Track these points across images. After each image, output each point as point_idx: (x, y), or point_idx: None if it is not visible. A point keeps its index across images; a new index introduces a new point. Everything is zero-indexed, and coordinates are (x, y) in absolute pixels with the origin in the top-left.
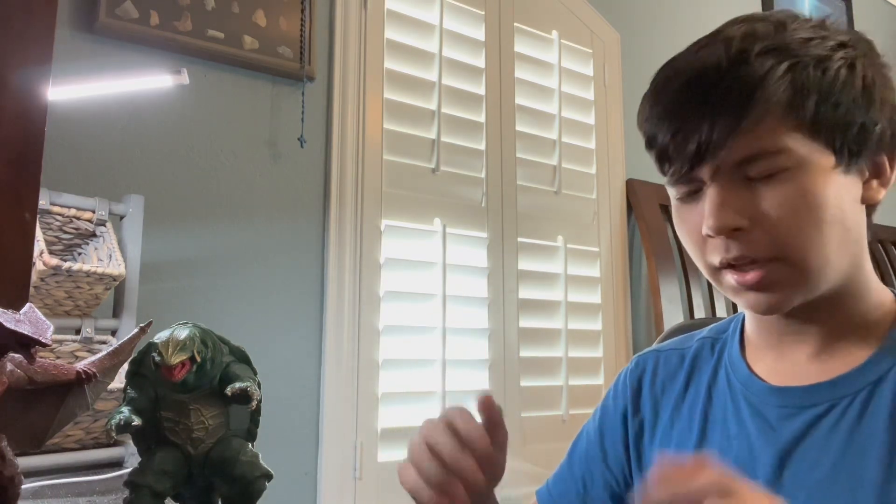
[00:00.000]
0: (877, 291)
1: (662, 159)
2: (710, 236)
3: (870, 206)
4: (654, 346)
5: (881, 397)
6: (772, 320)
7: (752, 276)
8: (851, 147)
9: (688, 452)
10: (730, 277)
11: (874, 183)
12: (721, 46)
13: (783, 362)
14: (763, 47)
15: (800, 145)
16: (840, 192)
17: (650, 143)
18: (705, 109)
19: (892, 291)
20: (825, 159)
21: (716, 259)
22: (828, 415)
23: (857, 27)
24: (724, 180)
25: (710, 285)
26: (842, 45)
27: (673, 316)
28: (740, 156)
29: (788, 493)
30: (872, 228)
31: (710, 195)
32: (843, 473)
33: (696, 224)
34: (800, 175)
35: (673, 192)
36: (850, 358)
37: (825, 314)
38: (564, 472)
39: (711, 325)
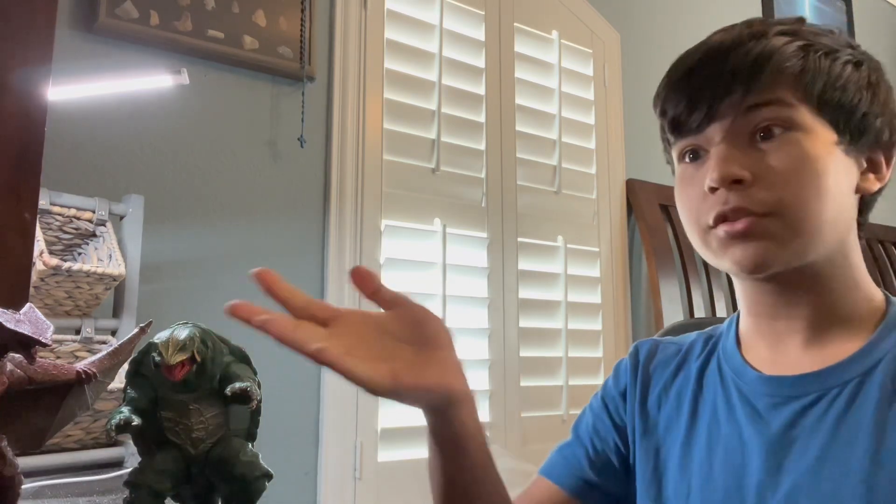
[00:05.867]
0: (866, 288)
1: (675, 124)
2: (712, 189)
3: (862, 201)
4: (656, 336)
5: (869, 389)
6: (762, 298)
7: (742, 223)
8: (853, 131)
9: (676, 435)
10: (720, 231)
11: (871, 176)
12: (741, 26)
13: (776, 353)
14: (780, 30)
15: (806, 116)
16: (839, 169)
17: (663, 113)
18: (720, 74)
19: (883, 293)
20: (828, 134)
21: (711, 215)
22: (816, 405)
23: (857, 27)
24: (731, 139)
25: (709, 285)
26: (850, 46)
27: (673, 316)
28: (750, 116)
29: (776, 481)
30: (867, 228)
31: (716, 151)
32: (829, 463)
33: (698, 183)
34: (804, 140)
35: (677, 158)
36: (840, 349)
37: (812, 293)
38: (571, 443)
39: (712, 325)
